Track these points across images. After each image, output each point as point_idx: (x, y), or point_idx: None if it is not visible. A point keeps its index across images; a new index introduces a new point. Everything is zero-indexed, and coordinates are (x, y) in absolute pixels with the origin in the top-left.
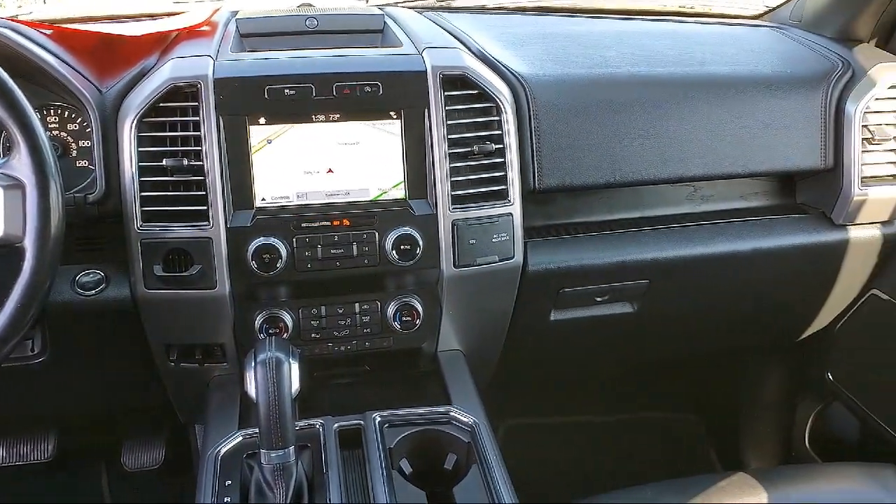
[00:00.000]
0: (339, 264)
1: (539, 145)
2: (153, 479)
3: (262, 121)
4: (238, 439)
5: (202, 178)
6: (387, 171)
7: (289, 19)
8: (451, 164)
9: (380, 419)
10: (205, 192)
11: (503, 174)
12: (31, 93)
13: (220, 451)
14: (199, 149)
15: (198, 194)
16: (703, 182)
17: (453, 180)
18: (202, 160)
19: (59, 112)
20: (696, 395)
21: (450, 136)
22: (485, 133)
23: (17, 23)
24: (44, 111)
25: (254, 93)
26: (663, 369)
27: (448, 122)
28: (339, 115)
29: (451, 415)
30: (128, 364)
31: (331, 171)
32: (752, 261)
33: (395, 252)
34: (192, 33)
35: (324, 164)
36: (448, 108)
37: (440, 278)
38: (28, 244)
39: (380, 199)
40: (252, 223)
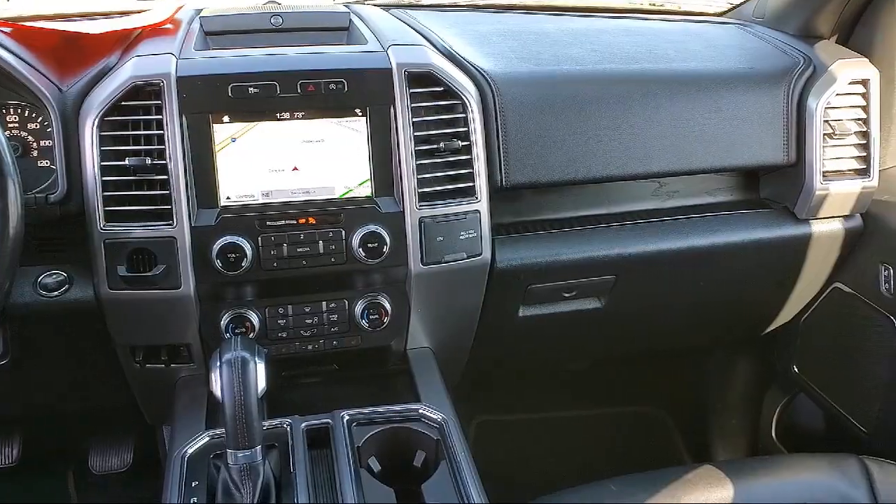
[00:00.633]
0: (305, 263)
1: (506, 142)
2: (121, 481)
3: (225, 119)
4: (205, 440)
5: (165, 178)
6: (353, 169)
7: (254, 17)
8: (418, 161)
9: (348, 417)
10: (168, 192)
11: (470, 171)
12: None
13: (187, 451)
14: (162, 147)
15: (161, 193)
16: (668, 178)
17: (420, 177)
18: (165, 159)
19: (19, 111)
20: (665, 389)
21: (416, 134)
22: (451, 130)
23: None
24: (2, 110)
25: (217, 91)
26: (631, 364)
27: (414, 120)
28: (304, 113)
29: (420, 412)
30: (93, 366)
31: (296, 168)
32: (718, 256)
33: (361, 250)
34: (155, 31)
35: (289, 161)
36: (414, 105)
37: (408, 276)
38: None
39: (346, 196)
40: (217, 222)
